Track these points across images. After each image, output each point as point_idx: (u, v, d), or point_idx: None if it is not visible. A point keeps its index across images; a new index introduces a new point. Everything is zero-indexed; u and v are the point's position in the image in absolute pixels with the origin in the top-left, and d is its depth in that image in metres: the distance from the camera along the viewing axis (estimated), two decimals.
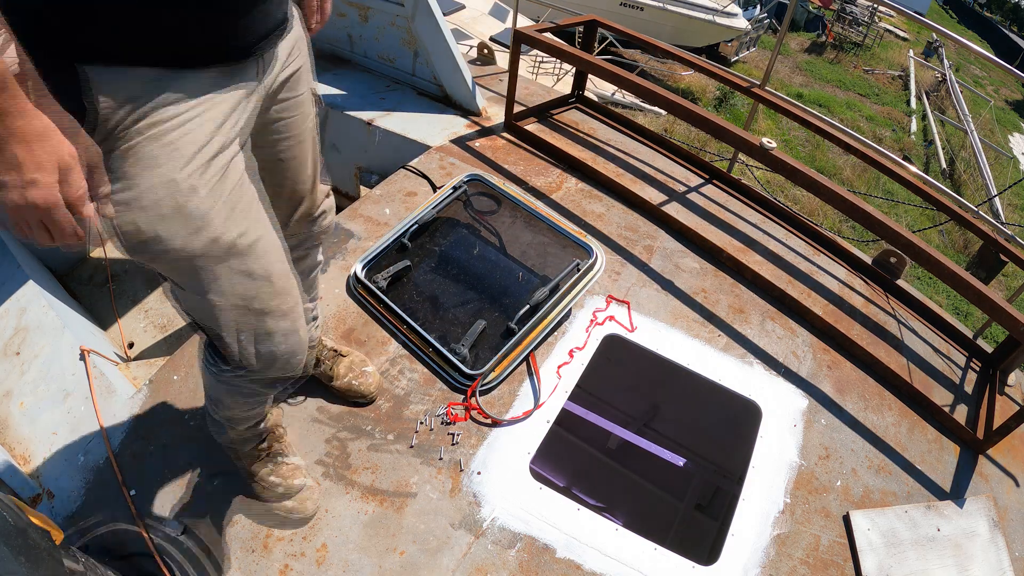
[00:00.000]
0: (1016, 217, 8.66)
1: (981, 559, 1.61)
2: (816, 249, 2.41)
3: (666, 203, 2.41)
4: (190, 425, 1.56)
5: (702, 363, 1.85)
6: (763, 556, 1.50)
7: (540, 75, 6.76)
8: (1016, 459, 1.90)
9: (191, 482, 1.46)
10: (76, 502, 1.44)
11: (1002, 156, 10.24)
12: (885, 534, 1.59)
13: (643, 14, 10.26)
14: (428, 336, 1.72)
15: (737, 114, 9.59)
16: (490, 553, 1.40)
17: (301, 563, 1.35)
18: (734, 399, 1.82)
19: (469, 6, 7.46)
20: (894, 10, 2.60)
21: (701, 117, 2.12)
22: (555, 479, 2.89)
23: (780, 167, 1.99)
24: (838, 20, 14.49)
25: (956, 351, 2.20)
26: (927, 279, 6.53)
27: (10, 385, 1.65)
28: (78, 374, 1.64)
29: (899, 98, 12.13)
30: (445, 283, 1.89)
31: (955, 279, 1.78)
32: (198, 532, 1.39)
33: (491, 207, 2.15)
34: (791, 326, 2.05)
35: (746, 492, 1.61)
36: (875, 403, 1.90)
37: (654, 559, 1.45)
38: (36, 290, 1.81)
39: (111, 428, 1.55)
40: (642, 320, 1.94)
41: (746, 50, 11.87)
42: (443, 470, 1.52)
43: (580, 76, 3.05)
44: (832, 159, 8.83)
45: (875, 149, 2.38)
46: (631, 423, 2.85)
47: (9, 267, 1.86)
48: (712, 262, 2.21)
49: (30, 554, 0.85)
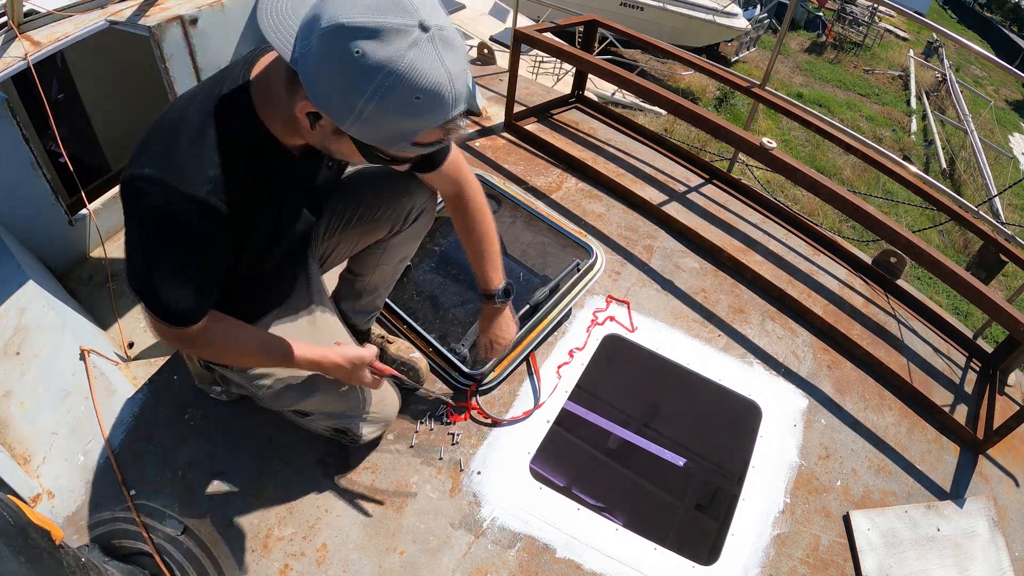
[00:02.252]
0: (1016, 217, 8.66)
1: (981, 559, 1.61)
2: (816, 249, 2.41)
3: (666, 203, 2.41)
4: (190, 425, 1.56)
5: (702, 363, 1.85)
6: (763, 556, 1.50)
7: (540, 75, 6.76)
8: (1016, 459, 1.90)
9: (191, 482, 1.46)
10: (76, 502, 1.44)
11: (1002, 156, 10.23)
12: (885, 534, 1.59)
13: (643, 14, 10.25)
14: (428, 336, 1.72)
15: (737, 114, 9.59)
16: (490, 553, 1.40)
17: (301, 563, 1.35)
18: (734, 399, 1.82)
19: (469, 6, 7.46)
20: (894, 10, 2.60)
21: (701, 117, 2.12)
22: (555, 479, 2.88)
23: (780, 167, 1.99)
24: (838, 20, 14.48)
25: (956, 351, 2.20)
26: (927, 279, 6.52)
27: (10, 385, 1.65)
28: (78, 374, 1.64)
29: (899, 98, 12.13)
30: (445, 283, 1.89)
31: (955, 279, 1.78)
32: (198, 532, 1.39)
33: (491, 207, 2.14)
34: (791, 326, 2.05)
35: (746, 492, 1.61)
36: (875, 403, 1.90)
37: (654, 559, 1.45)
38: (36, 290, 1.81)
39: (111, 428, 1.55)
40: (642, 320, 1.94)
41: (746, 50, 11.86)
42: (443, 470, 1.52)
43: (580, 76, 3.05)
44: (832, 159, 8.82)
45: (875, 149, 2.38)
46: (631, 423, 2.85)
47: (9, 267, 1.86)
48: (712, 262, 2.21)
49: (30, 554, 0.85)
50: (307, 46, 0.78)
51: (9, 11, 2.10)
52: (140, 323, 2.09)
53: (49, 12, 2.24)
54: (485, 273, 1.39)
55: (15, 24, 2.11)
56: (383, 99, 0.78)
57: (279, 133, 0.96)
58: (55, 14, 2.25)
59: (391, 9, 0.76)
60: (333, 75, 0.78)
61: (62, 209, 2.13)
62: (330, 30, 0.76)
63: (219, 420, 1.57)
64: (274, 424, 1.56)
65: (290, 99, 0.88)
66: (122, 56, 3.06)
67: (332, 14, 0.76)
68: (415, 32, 0.77)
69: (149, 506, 1.42)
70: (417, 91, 0.78)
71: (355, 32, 0.75)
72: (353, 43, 0.75)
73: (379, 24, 0.76)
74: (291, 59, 0.81)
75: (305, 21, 0.80)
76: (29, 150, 1.95)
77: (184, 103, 0.95)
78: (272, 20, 0.84)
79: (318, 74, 0.79)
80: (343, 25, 0.75)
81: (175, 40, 2.32)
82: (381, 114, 0.80)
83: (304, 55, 0.79)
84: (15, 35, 2.10)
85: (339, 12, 0.76)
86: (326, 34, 0.76)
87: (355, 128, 0.82)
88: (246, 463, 1.50)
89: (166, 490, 1.45)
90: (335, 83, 0.78)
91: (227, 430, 1.55)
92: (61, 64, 2.91)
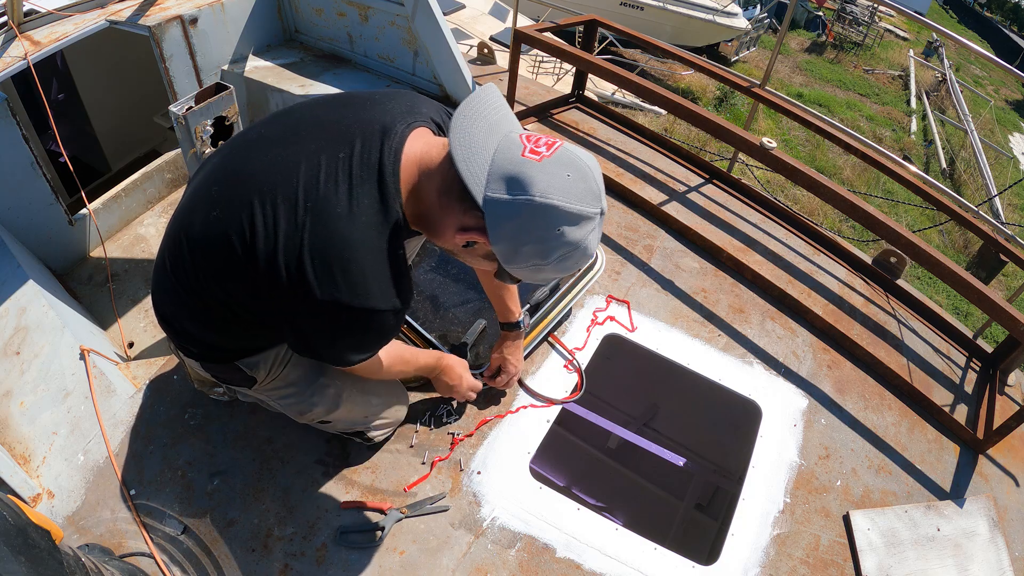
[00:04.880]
0: (1016, 217, 8.66)
1: (981, 559, 1.61)
2: (816, 249, 2.41)
3: (666, 203, 2.41)
4: (190, 425, 1.56)
5: (702, 363, 1.85)
6: (763, 556, 1.50)
7: (540, 75, 6.76)
8: (1016, 459, 1.90)
9: (191, 482, 1.46)
10: (76, 502, 1.44)
11: (1002, 156, 10.24)
12: (885, 534, 1.59)
13: (643, 14, 10.25)
14: (429, 335, 1.72)
15: (737, 114, 9.59)
16: (490, 553, 1.40)
17: (301, 563, 1.35)
18: (734, 399, 1.82)
19: (469, 6, 7.46)
20: (894, 10, 2.60)
21: (701, 117, 2.11)
22: (555, 479, 2.88)
23: (780, 167, 1.99)
24: (838, 20, 14.48)
25: (956, 351, 2.20)
26: (927, 279, 6.52)
27: (10, 385, 1.65)
28: (78, 374, 1.64)
29: (899, 98, 12.13)
30: (445, 282, 1.89)
31: (955, 279, 1.78)
32: (198, 532, 1.39)
33: None
34: (791, 326, 2.05)
35: (746, 492, 1.61)
36: (875, 403, 1.90)
37: (654, 559, 1.45)
38: (36, 290, 1.81)
39: (111, 428, 1.55)
40: (642, 320, 1.94)
41: (746, 50, 11.86)
42: (443, 470, 1.52)
43: (580, 76, 3.05)
44: (832, 159, 8.83)
45: (875, 149, 2.38)
46: (631, 423, 2.85)
47: (9, 267, 1.86)
48: (712, 262, 2.21)
49: (30, 554, 0.85)
50: (508, 200, 0.87)
51: (9, 11, 2.10)
52: (140, 323, 2.09)
53: (49, 12, 2.24)
54: (505, 306, 1.53)
55: (15, 24, 2.11)
56: (556, 264, 0.93)
57: (408, 214, 1.00)
58: (55, 14, 2.25)
59: (592, 200, 0.90)
60: (526, 238, 0.89)
61: (62, 209, 2.13)
62: (543, 207, 0.87)
63: (219, 420, 1.57)
64: (274, 424, 1.56)
65: (445, 212, 0.96)
66: (122, 56, 3.07)
67: (547, 191, 0.87)
68: (598, 222, 0.93)
69: (149, 506, 1.42)
70: (579, 258, 0.94)
71: (564, 217, 0.88)
72: (558, 224, 0.88)
73: (581, 214, 0.89)
74: (482, 198, 0.88)
75: (509, 173, 0.88)
76: (29, 150, 1.95)
77: (334, 203, 0.94)
78: (465, 150, 0.89)
79: (510, 228, 0.89)
80: (558, 208, 0.87)
81: (175, 40, 2.32)
82: (545, 271, 0.95)
83: (500, 204, 0.88)
84: (15, 35, 2.10)
85: (553, 192, 0.87)
86: (538, 208, 0.87)
87: (514, 268, 0.95)
88: (246, 463, 1.50)
89: (166, 490, 1.45)
90: (523, 242, 0.90)
91: (227, 430, 1.55)
92: (61, 64, 2.91)
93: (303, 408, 1.31)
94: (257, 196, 0.94)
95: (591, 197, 0.90)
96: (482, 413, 1.63)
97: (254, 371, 1.21)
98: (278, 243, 0.93)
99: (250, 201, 0.94)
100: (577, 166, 0.90)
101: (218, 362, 1.20)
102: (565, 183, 0.88)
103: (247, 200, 0.95)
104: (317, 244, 0.92)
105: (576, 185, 0.88)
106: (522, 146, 0.89)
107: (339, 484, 1.48)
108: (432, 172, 0.97)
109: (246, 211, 0.94)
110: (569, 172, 0.88)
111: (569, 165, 0.89)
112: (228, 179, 1.01)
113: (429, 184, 0.97)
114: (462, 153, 0.89)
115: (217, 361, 1.20)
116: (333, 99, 1.09)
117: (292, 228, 0.92)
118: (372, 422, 1.43)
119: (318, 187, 0.93)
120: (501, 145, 0.90)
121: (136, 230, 2.45)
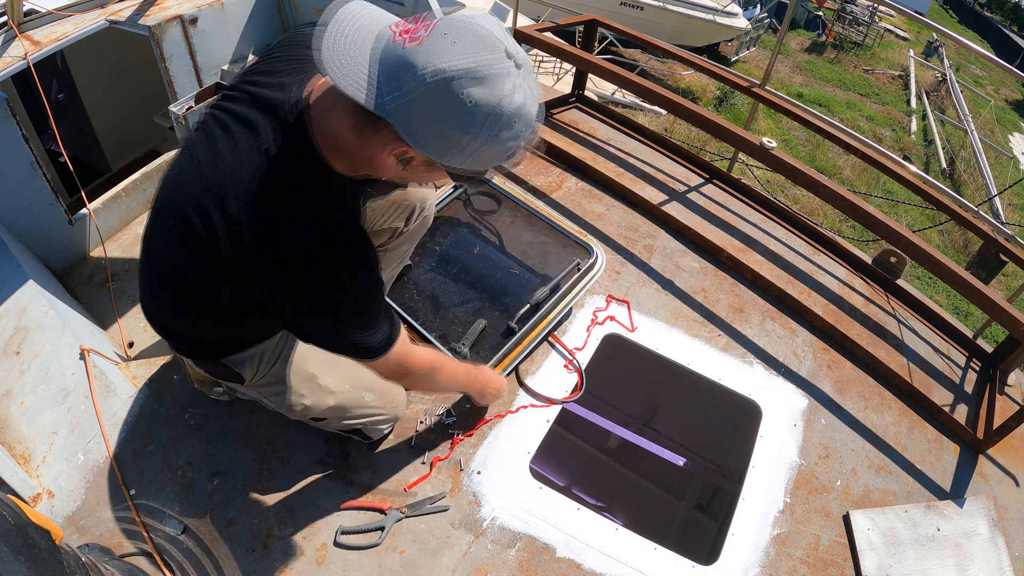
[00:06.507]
0: (1016, 217, 8.66)
1: (981, 559, 1.61)
2: (816, 249, 2.41)
3: (666, 203, 2.41)
4: (190, 425, 1.56)
5: (702, 363, 1.85)
6: (763, 556, 1.50)
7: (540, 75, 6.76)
8: (1016, 459, 1.90)
9: (191, 482, 1.46)
10: (76, 502, 1.44)
11: (1002, 156, 10.24)
12: (885, 534, 1.59)
13: (643, 14, 10.25)
14: (429, 335, 1.72)
15: (737, 114, 9.59)
16: (490, 552, 1.40)
17: (301, 563, 1.35)
18: (734, 399, 1.82)
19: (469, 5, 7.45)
20: (894, 10, 2.60)
21: (701, 117, 2.12)
22: (555, 479, 2.88)
23: (780, 167, 1.99)
24: (838, 20, 14.48)
25: (956, 351, 2.20)
26: (927, 279, 6.52)
27: (10, 385, 1.65)
28: (78, 373, 1.63)
29: (899, 98, 12.13)
30: (445, 282, 1.89)
31: (955, 279, 1.78)
32: (198, 532, 1.39)
33: (491, 206, 2.14)
34: (791, 326, 2.05)
35: (746, 492, 1.61)
36: (875, 403, 1.90)
37: (654, 559, 1.45)
38: (36, 290, 1.80)
39: (111, 428, 1.55)
40: (642, 320, 1.94)
41: (746, 50, 11.86)
42: (443, 470, 1.52)
43: (580, 76, 3.04)
44: (832, 159, 8.83)
45: (875, 149, 2.38)
46: (631, 423, 2.85)
47: (9, 267, 1.86)
48: (712, 262, 2.21)
49: (30, 554, 0.85)
50: (402, 95, 0.79)
51: (9, 11, 2.10)
52: (140, 323, 2.09)
53: (49, 12, 2.24)
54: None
55: (15, 24, 2.11)
56: (492, 136, 0.82)
57: (344, 171, 0.95)
58: (55, 14, 2.25)
59: (486, 49, 0.78)
60: (443, 122, 0.80)
61: (62, 209, 2.12)
62: (436, 82, 0.77)
63: (219, 420, 1.57)
64: (274, 424, 1.56)
65: (366, 143, 0.88)
66: (122, 56, 3.06)
67: (429, 62, 0.77)
68: (513, 72, 0.80)
69: (149, 506, 1.42)
70: (521, 125, 0.83)
71: (461, 80, 0.77)
72: (463, 92, 0.77)
73: (480, 68, 0.78)
74: (376, 106, 0.80)
75: (390, 68, 0.79)
76: (29, 150, 1.95)
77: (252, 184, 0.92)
78: (338, 68, 0.80)
79: (422, 121, 0.80)
80: (447, 73, 0.77)
81: (175, 39, 2.32)
82: (486, 148, 0.83)
83: (399, 104, 0.79)
84: (15, 35, 2.10)
85: (436, 59, 0.77)
86: (432, 85, 0.77)
87: (455, 161, 0.86)
88: (246, 463, 1.50)
89: (166, 490, 1.45)
90: (443, 129, 0.80)
91: (227, 430, 1.55)
92: (61, 64, 2.91)
93: (294, 404, 1.31)
94: (191, 202, 0.94)
95: (486, 48, 0.78)
96: (482, 413, 1.64)
97: (240, 368, 1.22)
98: (233, 245, 0.92)
99: (186, 209, 0.94)
100: (458, 26, 0.79)
101: (207, 359, 1.22)
102: (449, 49, 0.77)
103: (181, 210, 0.95)
104: (273, 239, 0.92)
105: (462, 44, 0.78)
106: (400, 40, 0.80)
107: (339, 484, 1.48)
108: (336, 111, 0.90)
109: (188, 220, 0.94)
110: (452, 37, 0.78)
111: (449, 30, 0.78)
112: (167, 189, 1.02)
113: (340, 126, 0.90)
114: (338, 71, 0.79)
115: (206, 358, 1.22)
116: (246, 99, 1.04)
117: (237, 227, 0.91)
118: (368, 419, 1.42)
119: (243, 182, 0.92)
120: (375, 48, 0.81)
121: (136, 230, 2.45)
